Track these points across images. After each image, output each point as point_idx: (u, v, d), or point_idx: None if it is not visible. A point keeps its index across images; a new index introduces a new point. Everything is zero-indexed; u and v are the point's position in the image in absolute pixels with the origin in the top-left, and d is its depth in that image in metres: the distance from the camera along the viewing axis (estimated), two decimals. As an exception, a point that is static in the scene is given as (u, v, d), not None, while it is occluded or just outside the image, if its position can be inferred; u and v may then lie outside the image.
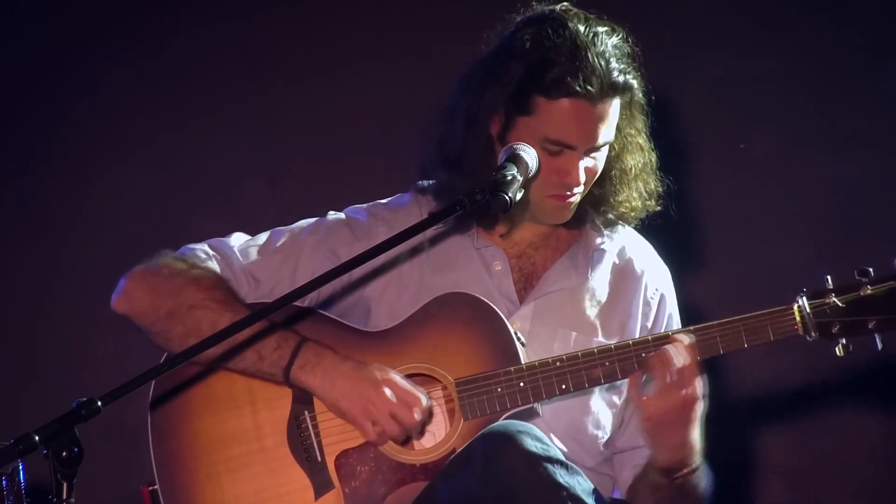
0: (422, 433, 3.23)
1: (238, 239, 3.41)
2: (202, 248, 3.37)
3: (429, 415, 3.18)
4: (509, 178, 2.95)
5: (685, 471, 3.19)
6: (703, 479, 3.24)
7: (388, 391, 3.14)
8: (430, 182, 3.45)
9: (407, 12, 4.55)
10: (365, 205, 3.49)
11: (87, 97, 4.55)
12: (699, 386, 3.11)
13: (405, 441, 3.21)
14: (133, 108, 4.55)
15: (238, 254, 3.36)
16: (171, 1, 4.57)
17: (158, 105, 4.55)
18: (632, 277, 3.43)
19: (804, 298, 3.13)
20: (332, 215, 3.46)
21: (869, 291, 3.10)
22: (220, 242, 3.40)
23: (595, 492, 3.00)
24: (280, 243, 3.39)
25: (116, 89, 4.55)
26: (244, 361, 3.20)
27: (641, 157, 3.37)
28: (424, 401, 3.16)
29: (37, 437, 2.50)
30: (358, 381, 3.16)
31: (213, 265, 3.33)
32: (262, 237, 3.42)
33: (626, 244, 3.46)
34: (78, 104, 4.55)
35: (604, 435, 3.35)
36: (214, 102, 4.55)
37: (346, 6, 4.57)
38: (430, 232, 3.36)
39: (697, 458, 3.19)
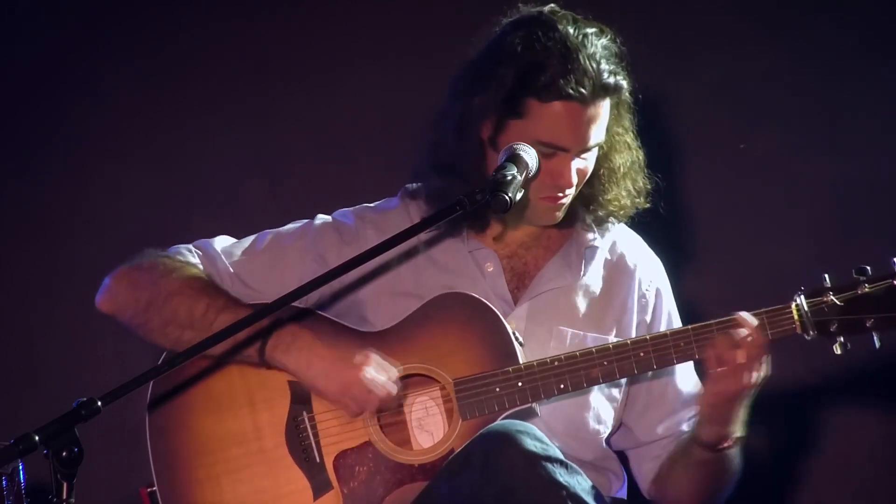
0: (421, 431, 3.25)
1: (223, 241, 3.42)
2: (186, 248, 3.39)
3: (399, 386, 3.20)
4: (509, 178, 2.96)
5: (729, 442, 3.22)
6: (739, 453, 3.27)
7: (364, 369, 3.16)
8: (419, 185, 3.44)
9: (407, 12, 4.55)
10: (352, 208, 3.49)
11: (87, 97, 4.55)
12: (767, 365, 3.13)
13: (400, 439, 3.22)
14: (133, 108, 4.55)
15: (223, 255, 3.38)
16: (171, 1, 4.57)
17: (158, 105, 4.55)
18: (625, 272, 3.44)
19: (802, 297, 3.14)
20: (320, 219, 3.46)
21: (867, 290, 3.11)
22: (204, 243, 3.41)
23: (594, 490, 3.01)
24: (266, 246, 3.40)
25: (116, 89, 4.55)
26: (222, 344, 3.19)
27: (629, 156, 3.38)
28: (396, 373, 3.18)
29: (37, 437, 2.51)
30: (334, 361, 3.18)
31: (196, 262, 3.35)
32: (248, 240, 3.43)
33: (617, 239, 3.47)
34: (78, 104, 4.55)
35: (605, 430, 3.37)
36: (214, 102, 4.55)
37: (347, 6, 4.57)
38: (423, 235, 3.36)
39: (742, 428, 3.22)
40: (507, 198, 2.92)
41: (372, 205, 3.50)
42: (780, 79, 4.41)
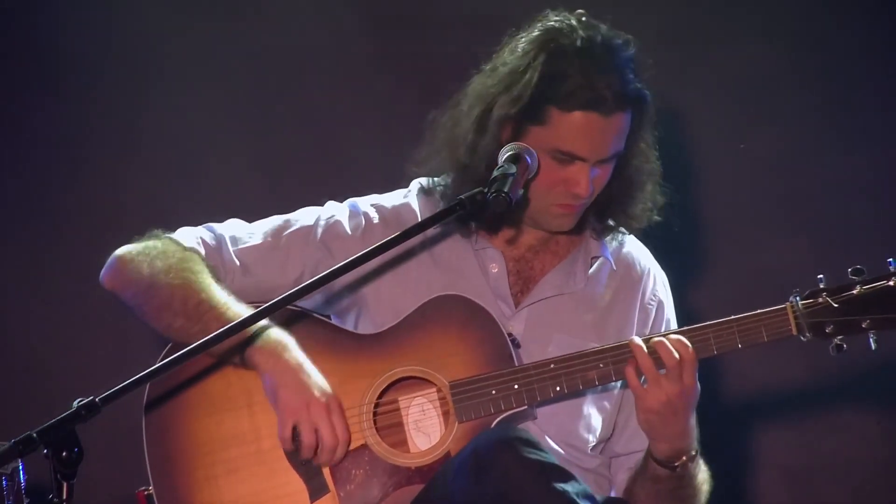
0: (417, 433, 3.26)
1: (231, 225, 3.43)
2: (193, 231, 3.39)
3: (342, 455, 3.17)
4: (509, 177, 2.98)
5: (684, 458, 3.20)
6: (701, 469, 3.26)
7: (328, 408, 3.14)
8: (432, 180, 3.45)
9: (408, 12, 4.55)
10: (364, 198, 3.49)
11: (86, 96, 4.56)
12: (695, 374, 3.12)
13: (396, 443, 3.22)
14: (133, 107, 4.55)
15: (229, 241, 3.38)
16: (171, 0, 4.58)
17: (158, 104, 4.55)
18: (630, 284, 3.44)
19: (797, 298, 3.14)
20: (329, 207, 3.46)
21: (862, 291, 3.10)
22: (211, 228, 3.41)
23: (589, 495, 2.99)
24: (273, 234, 3.40)
25: (116, 88, 4.55)
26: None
27: (647, 167, 3.38)
28: (342, 449, 3.15)
29: (37, 437, 2.51)
30: (304, 382, 3.15)
31: (201, 249, 3.35)
32: (256, 225, 3.43)
33: (624, 250, 3.48)
34: (77, 103, 4.55)
35: (594, 439, 3.36)
36: (214, 102, 4.55)
37: (347, 6, 4.57)
38: (429, 231, 3.37)
39: (695, 445, 3.21)
40: (506, 197, 2.94)
41: (383, 196, 3.50)
42: (781, 79, 4.41)
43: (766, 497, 4.43)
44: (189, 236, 3.38)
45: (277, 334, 3.18)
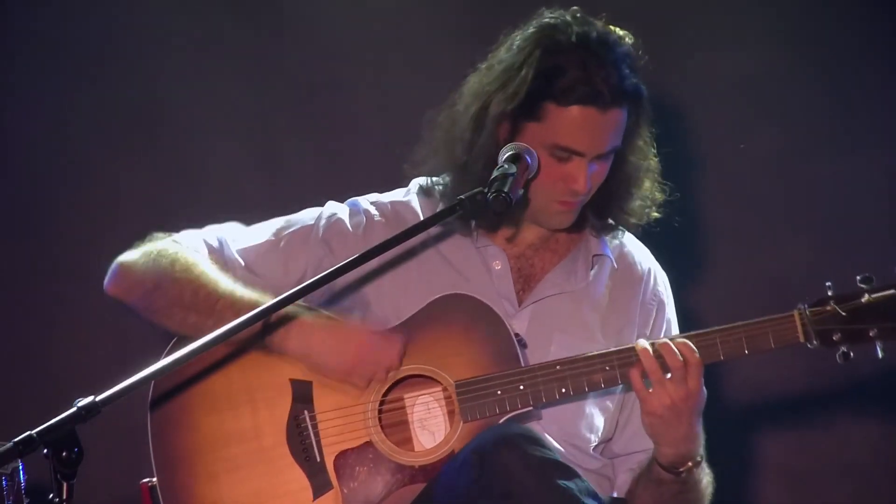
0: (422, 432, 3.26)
1: (232, 228, 3.43)
2: (195, 233, 3.40)
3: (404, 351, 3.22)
4: (509, 177, 2.98)
5: (689, 464, 3.20)
6: (705, 475, 3.26)
7: (366, 338, 3.18)
8: (432, 180, 3.45)
9: (408, 11, 4.55)
10: (364, 197, 3.49)
11: (86, 96, 4.55)
12: (700, 378, 3.12)
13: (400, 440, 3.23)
14: (133, 108, 4.55)
15: (230, 241, 3.39)
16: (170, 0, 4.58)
17: (158, 105, 4.55)
18: (631, 283, 3.44)
19: (805, 306, 3.14)
20: (330, 206, 3.46)
21: (870, 299, 3.10)
22: (213, 229, 3.42)
23: (593, 493, 3.00)
24: (274, 234, 3.41)
25: (116, 89, 4.55)
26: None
27: (644, 165, 3.38)
28: (401, 342, 3.20)
29: (37, 437, 2.50)
30: (336, 339, 3.19)
31: (203, 248, 3.36)
32: (258, 227, 3.44)
33: (625, 250, 3.48)
34: (77, 104, 4.55)
35: (595, 438, 3.37)
36: (214, 102, 4.55)
37: (347, 5, 4.57)
38: (430, 230, 3.36)
39: (701, 451, 3.21)
40: (506, 197, 2.94)
41: (384, 196, 3.50)
42: (781, 79, 4.41)
43: (767, 499, 4.43)
44: (190, 237, 3.38)
45: (299, 315, 3.20)
